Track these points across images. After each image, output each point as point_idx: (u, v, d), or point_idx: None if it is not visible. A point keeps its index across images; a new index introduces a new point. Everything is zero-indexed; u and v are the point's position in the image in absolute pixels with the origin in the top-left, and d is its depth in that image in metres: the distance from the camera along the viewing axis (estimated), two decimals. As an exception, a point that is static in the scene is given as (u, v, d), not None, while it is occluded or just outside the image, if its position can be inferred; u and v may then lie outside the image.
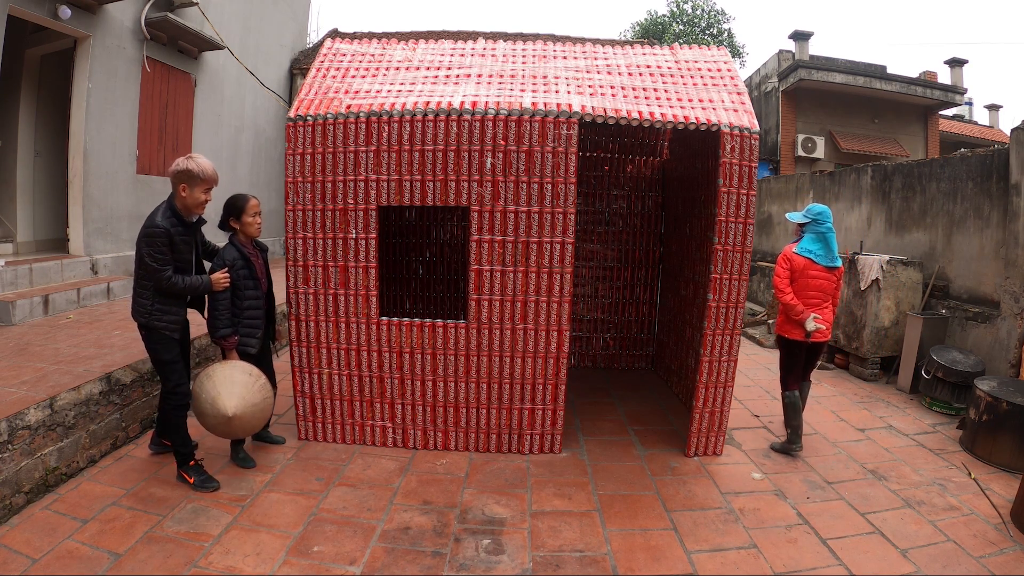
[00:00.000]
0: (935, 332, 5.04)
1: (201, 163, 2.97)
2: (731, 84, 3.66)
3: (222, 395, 2.96)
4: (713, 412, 3.57)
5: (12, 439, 2.73)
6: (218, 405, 2.96)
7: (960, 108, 17.31)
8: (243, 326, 3.20)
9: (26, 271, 5.07)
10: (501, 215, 3.34)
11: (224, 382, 3.01)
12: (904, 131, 14.58)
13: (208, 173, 2.99)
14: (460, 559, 2.53)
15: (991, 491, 3.26)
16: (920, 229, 5.74)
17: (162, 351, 3.01)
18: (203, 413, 3.02)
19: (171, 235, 2.89)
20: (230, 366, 3.08)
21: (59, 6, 5.18)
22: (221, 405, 2.95)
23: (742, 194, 3.34)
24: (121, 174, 6.28)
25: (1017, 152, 4.59)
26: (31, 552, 2.44)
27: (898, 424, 4.29)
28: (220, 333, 3.13)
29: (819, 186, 7.72)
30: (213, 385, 2.99)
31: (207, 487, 3.01)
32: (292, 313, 3.50)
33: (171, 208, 2.96)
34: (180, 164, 2.93)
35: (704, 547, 2.67)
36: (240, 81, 8.65)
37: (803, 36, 14.23)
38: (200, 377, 3.06)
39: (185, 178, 2.93)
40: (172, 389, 3.04)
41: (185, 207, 3.00)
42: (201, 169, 2.95)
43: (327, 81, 3.64)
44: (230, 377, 3.03)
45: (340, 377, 3.55)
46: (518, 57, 3.93)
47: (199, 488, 3.00)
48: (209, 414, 3.00)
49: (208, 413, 3.00)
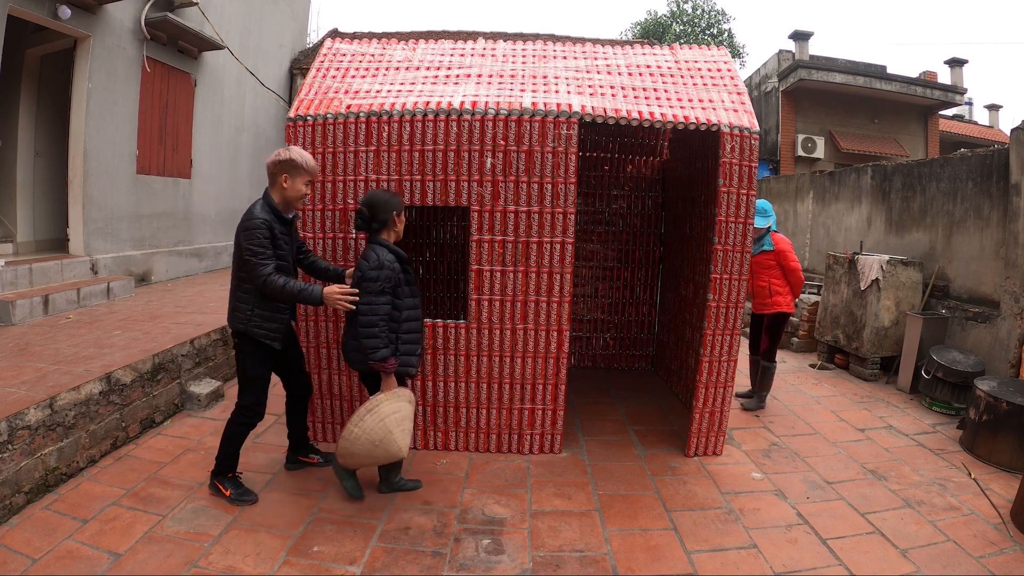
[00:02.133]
0: (935, 332, 5.04)
1: (303, 153, 2.83)
2: (731, 84, 3.66)
3: (395, 435, 2.68)
4: (713, 412, 3.57)
5: (12, 439, 2.73)
6: (391, 449, 2.70)
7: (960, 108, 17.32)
8: (402, 343, 2.77)
9: (26, 271, 5.07)
10: (501, 215, 3.34)
11: (395, 420, 2.68)
12: (904, 131, 14.58)
13: (310, 164, 2.83)
14: (460, 559, 2.53)
15: (991, 491, 3.26)
16: (920, 229, 5.74)
17: (254, 365, 2.85)
18: (359, 454, 2.71)
19: (272, 228, 2.73)
20: (395, 398, 2.72)
21: (59, 6, 5.18)
22: (395, 448, 2.71)
23: (742, 194, 3.34)
24: (121, 174, 6.28)
25: (1017, 152, 4.59)
26: (31, 552, 2.44)
27: (898, 424, 4.29)
28: (380, 355, 2.66)
29: (819, 186, 7.72)
30: (383, 425, 2.65)
31: (244, 500, 2.89)
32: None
33: (268, 203, 2.80)
34: (281, 155, 2.79)
35: (704, 547, 2.67)
36: (240, 81, 8.65)
37: (803, 36, 14.23)
38: (362, 415, 2.67)
39: (288, 168, 2.78)
40: (249, 405, 2.90)
41: (285, 200, 2.83)
42: (304, 159, 2.80)
43: (327, 81, 3.64)
44: (400, 412, 2.71)
45: (340, 377, 3.54)
46: (518, 57, 3.93)
47: (235, 502, 2.88)
48: (371, 455, 2.71)
49: (370, 454, 2.71)
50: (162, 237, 7.03)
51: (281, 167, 2.78)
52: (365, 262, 2.72)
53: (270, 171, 2.81)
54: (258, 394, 2.92)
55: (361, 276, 2.71)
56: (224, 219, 8.45)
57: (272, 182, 2.82)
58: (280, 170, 2.79)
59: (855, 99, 14.07)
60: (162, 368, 3.85)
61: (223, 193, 8.42)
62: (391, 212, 2.81)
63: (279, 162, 2.78)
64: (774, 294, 4.32)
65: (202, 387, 4.11)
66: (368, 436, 2.67)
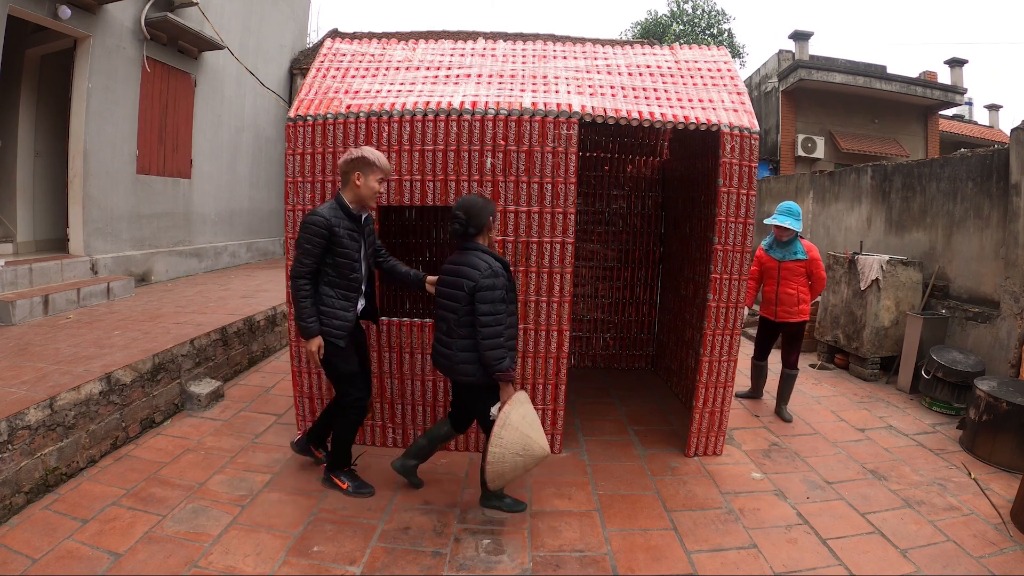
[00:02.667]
0: (935, 332, 5.04)
1: (375, 151, 2.83)
2: (731, 84, 3.66)
3: (533, 438, 2.64)
4: (713, 412, 3.57)
5: (12, 439, 2.73)
6: (535, 451, 2.64)
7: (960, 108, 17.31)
8: (509, 349, 2.70)
9: (26, 271, 5.07)
10: (501, 215, 3.34)
11: (528, 424, 2.65)
12: (904, 131, 14.58)
13: (383, 162, 2.82)
14: (460, 559, 2.53)
15: (991, 491, 3.26)
16: (920, 229, 5.74)
17: (337, 362, 2.84)
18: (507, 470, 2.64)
19: (332, 227, 2.71)
20: (518, 403, 2.68)
21: (59, 6, 5.18)
22: (538, 449, 2.64)
23: (742, 194, 3.34)
24: (121, 174, 6.28)
25: (1017, 152, 4.59)
26: (31, 552, 2.44)
27: (898, 424, 4.29)
28: (505, 365, 2.60)
29: (819, 186, 7.72)
30: (520, 434, 2.62)
31: (362, 492, 2.97)
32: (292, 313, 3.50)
33: (338, 202, 2.80)
34: (353, 153, 2.79)
35: (704, 547, 2.67)
36: (240, 81, 8.66)
37: (803, 36, 14.23)
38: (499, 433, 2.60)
39: (361, 165, 2.76)
40: (351, 404, 2.90)
41: (358, 199, 2.81)
42: (376, 157, 2.79)
43: (327, 81, 3.64)
44: (527, 414, 2.67)
45: (340, 377, 3.54)
46: (518, 57, 3.93)
47: (353, 494, 2.96)
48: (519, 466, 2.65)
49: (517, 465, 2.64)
50: (162, 237, 7.03)
51: (354, 165, 2.77)
52: (475, 271, 2.61)
53: (342, 169, 2.81)
54: (357, 389, 2.92)
55: (476, 285, 2.59)
56: (224, 219, 8.45)
57: (345, 181, 2.81)
58: (353, 168, 2.77)
59: (855, 99, 14.06)
60: (162, 368, 3.85)
61: (223, 193, 8.42)
62: (487, 217, 2.72)
63: (352, 160, 2.77)
64: (801, 302, 4.20)
65: (202, 387, 4.11)
66: (511, 450, 2.62)
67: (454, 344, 2.70)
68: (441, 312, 2.78)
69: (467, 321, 2.65)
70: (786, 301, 4.21)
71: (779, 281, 4.23)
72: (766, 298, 4.35)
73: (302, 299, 2.73)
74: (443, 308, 2.75)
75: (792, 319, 4.22)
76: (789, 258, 4.20)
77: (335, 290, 2.80)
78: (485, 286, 2.58)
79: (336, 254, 2.76)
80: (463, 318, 2.65)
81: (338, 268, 2.79)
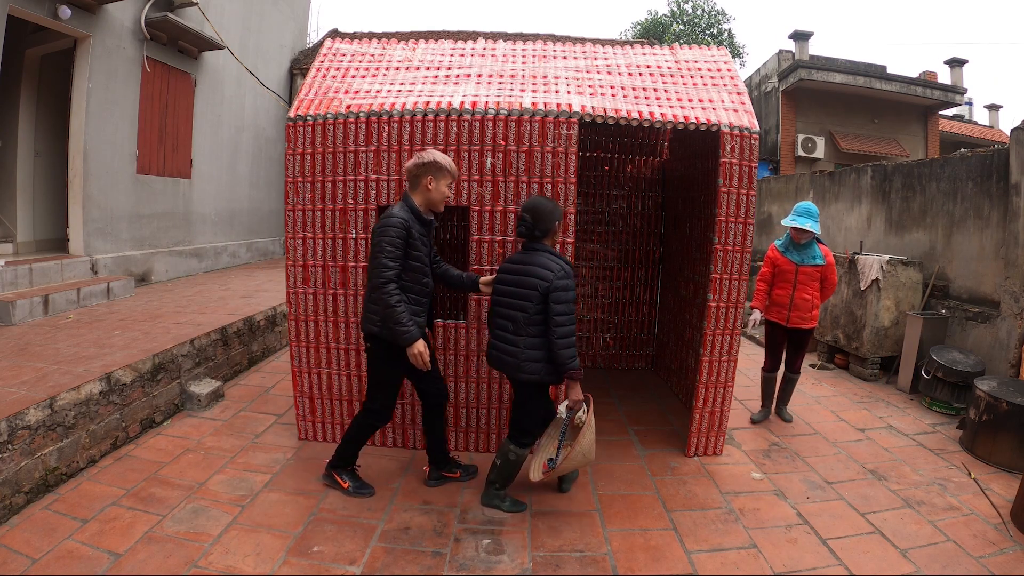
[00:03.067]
0: (935, 332, 5.04)
1: (444, 155, 2.84)
2: (731, 84, 3.66)
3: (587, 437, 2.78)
4: (713, 412, 3.57)
5: (12, 439, 2.73)
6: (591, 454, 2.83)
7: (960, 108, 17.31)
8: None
9: (26, 271, 5.07)
10: (501, 215, 3.34)
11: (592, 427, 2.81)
12: (904, 131, 14.58)
13: (452, 166, 2.84)
14: (460, 559, 2.53)
15: (991, 491, 3.26)
16: (920, 229, 5.74)
17: (388, 370, 2.84)
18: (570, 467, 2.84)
19: (410, 228, 2.71)
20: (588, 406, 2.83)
21: (59, 6, 5.18)
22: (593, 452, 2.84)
23: (742, 194, 3.34)
24: (121, 174, 6.28)
25: (1017, 152, 4.59)
26: (31, 552, 2.44)
27: (898, 424, 4.29)
28: (576, 364, 2.67)
29: (819, 186, 7.72)
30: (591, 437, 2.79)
31: (362, 492, 2.97)
32: (292, 313, 3.50)
33: (408, 204, 2.79)
34: (425, 157, 2.77)
35: (704, 547, 2.67)
36: (240, 81, 8.66)
37: (803, 36, 14.23)
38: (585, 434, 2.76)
39: (432, 170, 2.76)
40: (378, 409, 2.92)
41: (428, 202, 2.82)
42: (447, 162, 2.80)
43: (327, 81, 3.64)
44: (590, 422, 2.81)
45: (340, 377, 3.54)
46: (518, 57, 3.93)
47: (353, 494, 2.96)
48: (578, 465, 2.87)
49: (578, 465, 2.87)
50: (162, 237, 7.03)
51: (425, 169, 2.76)
52: (549, 272, 2.66)
53: (413, 173, 2.79)
54: (387, 399, 2.93)
55: (550, 286, 2.64)
56: (224, 219, 8.45)
57: (415, 184, 2.80)
58: (424, 172, 2.77)
59: (855, 99, 14.06)
60: (162, 368, 3.85)
61: (223, 193, 8.42)
62: (555, 222, 2.77)
63: (423, 164, 2.77)
64: (815, 307, 4.03)
65: (202, 387, 4.11)
66: (585, 450, 2.78)
67: (522, 342, 2.72)
68: (505, 311, 2.78)
69: (538, 320, 2.68)
70: (801, 307, 3.99)
71: (795, 286, 3.99)
72: (778, 302, 4.07)
73: (395, 304, 2.65)
74: (508, 307, 2.77)
75: (804, 324, 4.03)
76: (808, 262, 3.97)
77: (407, 295, 2.74)
78: (560, 287, 2.64)
79: (411, 257, 2.74)
80: (534, 317, 2.68)
81: (412, 272, 2.76)
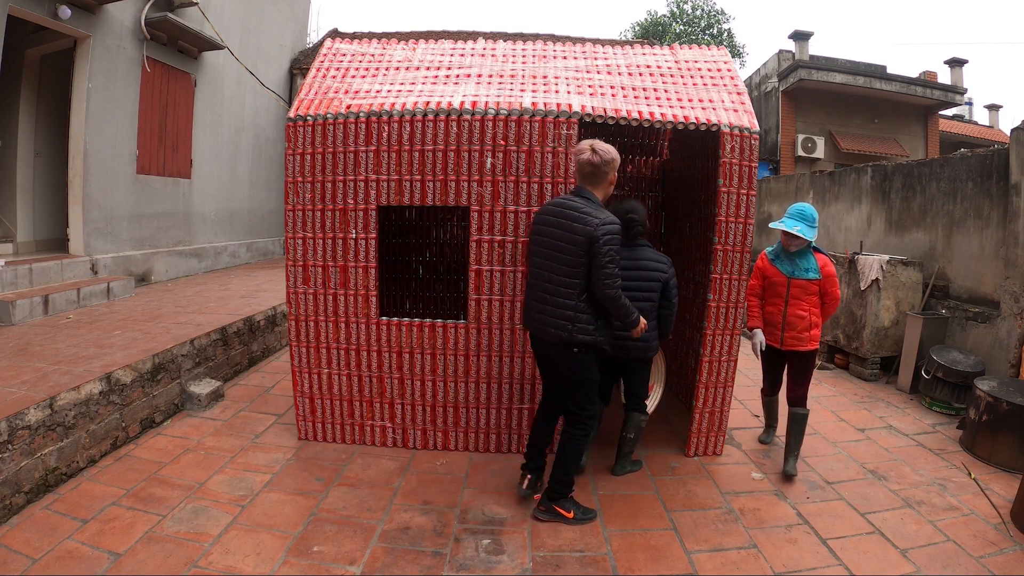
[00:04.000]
0: (935, 332, 5.04)
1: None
2: (731, 84, 3.66)
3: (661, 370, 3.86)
4: (713, 412, 3.57)
5: (12, 439, 2.73)
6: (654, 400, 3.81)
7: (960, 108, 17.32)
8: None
9: (26, 271, 5.07)
10: (501, 215, 3.34)
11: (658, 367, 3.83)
12: (904, 131, 14.58)
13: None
14: (460, 559, 2.53)
15: (991, 491, 3.26)
16: (920, 229, 5.74)
17: (593, 369, 2.76)
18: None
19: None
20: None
21: (59, 6, 5.18)
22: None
23: (742, 194, 3.33)
24: (121, 174, 6.28)
25: (1017, 152, 4.59)
26: (31, 552, 2.44)
27: (898, 424, 4.29)
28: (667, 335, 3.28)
29: (819, 186, 7.72)
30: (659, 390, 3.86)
31: (587, 518, 2.83)
32: (292, 313, 3.50)
33: (596, 203, 2.69)
34: (611, 153, 2.68)
35: (704, 547, 2.67)
36: (240, 81, 8.66)
37: (803, 36, 14.23)
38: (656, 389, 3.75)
39: (616, 165, 2.72)
40: (595, 414, 2.88)
41: (606, 196, 2.78)
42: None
43: (327, 81, 3.64)
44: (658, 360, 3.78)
45: (340, 377, 3.54)
46: (518, 57, 3.93)
47: (579, 522, 2.79)
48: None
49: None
50: (162, 237, 7.03)
51: (612, 165, 2.70)
52: (664, 264, 3.14)
53: (602, 170, 2.68)
54: (596, 401, 2.91)
55: (668, 277, 3.13)
56: (224, 219, 8.45)
57: (600, 180, 2.71)
58: (612, 168, 2.71)
59: (855, 99, 14.07)
60: (162, 368, 3.85)
61: (223, 193, 8.42)
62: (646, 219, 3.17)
63: (610, 160, 2.68)
64: (813, 326, 3.41)
65: (202, 387, 4.11)
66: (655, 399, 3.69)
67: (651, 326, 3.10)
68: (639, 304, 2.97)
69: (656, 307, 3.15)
70: (796, 325, 3.41)
71: (787, 301, 3.43)
72: (770, 320, 3.52)
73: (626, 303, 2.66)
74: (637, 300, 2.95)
75: (800, 347, 3.42)
76: (800, 275, 3.40)
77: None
78: (672, 273, 3.17)
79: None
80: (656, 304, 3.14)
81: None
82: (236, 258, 8.75)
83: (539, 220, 2.79)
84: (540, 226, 2.76)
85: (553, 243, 2.67)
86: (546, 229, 2.71)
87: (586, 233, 2.56)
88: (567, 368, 2.74)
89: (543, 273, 2.72)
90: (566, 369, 2.75)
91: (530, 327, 2.82)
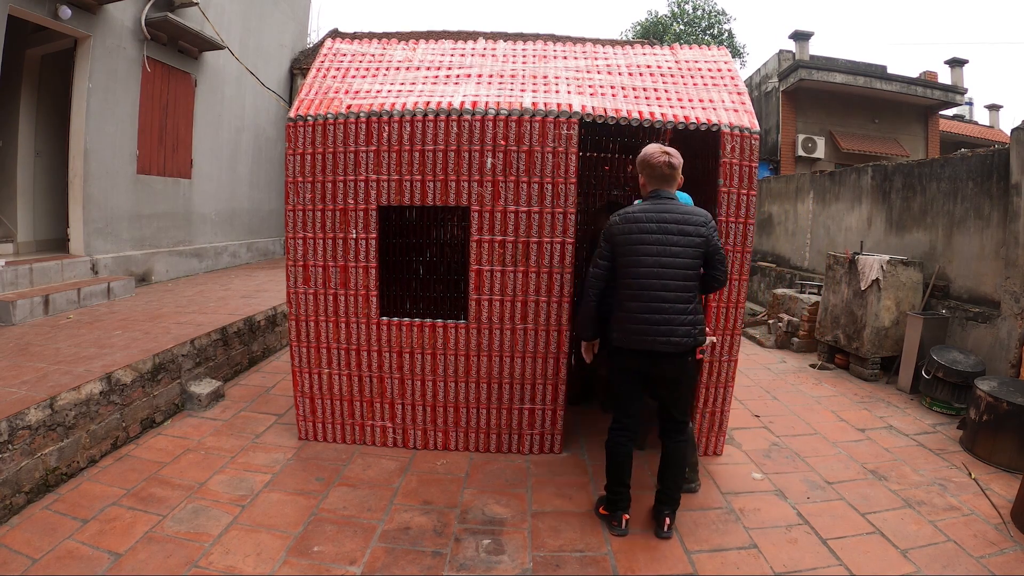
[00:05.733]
0: (935, 332, 5.04)
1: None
2: (731, 84, 3.66)
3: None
4: (713, 412, 3.57)
5: (12, 439, 2.73)
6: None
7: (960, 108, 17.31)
8: None
9: (26, 271, 5.08)
10: (501, 215, 3.34)
11: None
12: (904, 131, 14.58)
13: None
14: (460, 559, 2.53)
15: (991, 491, 3.26)
16: (920, 229, 5.74)
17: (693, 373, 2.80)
18: None
19: None
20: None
21: (59, 6, 5.19)
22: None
23: (742, 194, 3.33)
24: (121, 174, 6.28)
25: (1017, 152, 4.58)
26: (31, 552, 2.44)
27: (898, 424, 4.28)
28: None
29: (819, 186, 7.72)
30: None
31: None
32: (292, 313, 3.50)
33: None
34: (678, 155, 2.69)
35: (704, 547, 2.67)
36: (240, 81, 8.66)
37: (803, 36, 14.23)
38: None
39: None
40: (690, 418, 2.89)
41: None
42: None
43: (327, 81, 3.64)
44: None
45: (340, 377, 3.54)
46: (518, 57, 3.93)
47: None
48: None
49: None
50: (162, 237, 7.03)
51: (681, 167, 2.72)
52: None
53: (678, 171, 2.71)
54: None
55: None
56: (224, 219, 8.45)
57: (674, 181, 2.72)
58: (680, 169, 2.73)
59: (855, 99, 14.06)
60: (162, 368, 3.86)
61: (223, 193, 8.42)
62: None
63: (681, 162, 2.71)
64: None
65: (202, 387, 4.12)
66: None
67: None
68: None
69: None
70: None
71: None
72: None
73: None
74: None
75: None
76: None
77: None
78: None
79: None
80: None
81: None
82: (236, 258, 8.75)
83: (636, 229, 2.63)
84: (640, 235, 2.62)
85: (667, 249, 2.59)
86: (651, 237, 2.60)
87: (701, 233, 2.60)
88: (684, 375, 2.71)
89: (655, 283, 2.60)
90: (683, 376, 2.72)
91: (637, 344, 2.63)
